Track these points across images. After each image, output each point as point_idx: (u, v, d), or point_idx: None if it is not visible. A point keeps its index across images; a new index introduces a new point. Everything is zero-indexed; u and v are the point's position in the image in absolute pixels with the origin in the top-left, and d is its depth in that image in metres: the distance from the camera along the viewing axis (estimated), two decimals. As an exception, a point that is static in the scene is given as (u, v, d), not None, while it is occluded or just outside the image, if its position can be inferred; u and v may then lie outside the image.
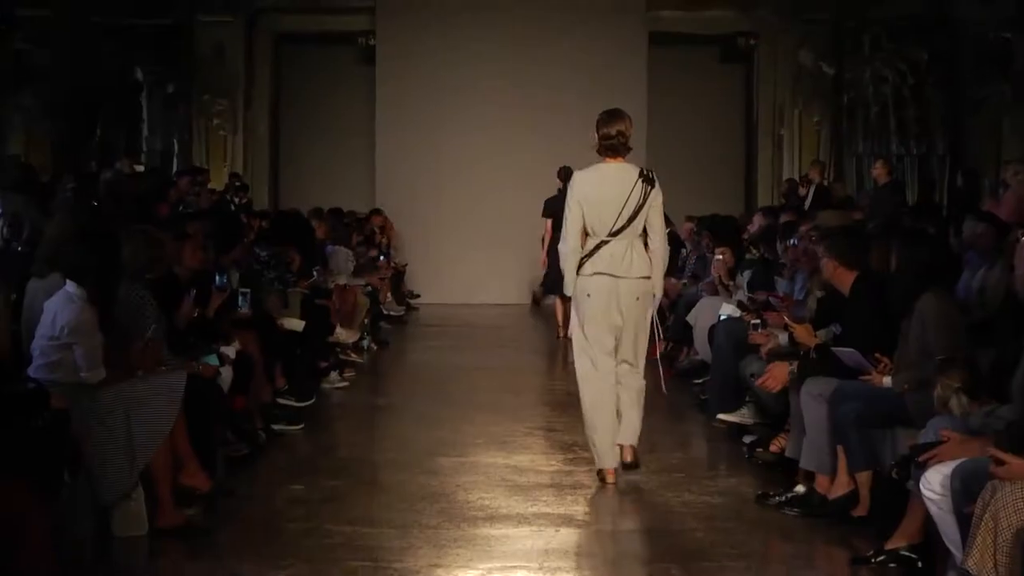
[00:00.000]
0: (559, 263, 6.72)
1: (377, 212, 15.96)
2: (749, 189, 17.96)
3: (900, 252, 5.69)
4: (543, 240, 13.87)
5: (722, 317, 8.19)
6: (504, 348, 12.49)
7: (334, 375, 9.43)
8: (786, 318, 6.70)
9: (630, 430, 6.52)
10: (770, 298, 7.70)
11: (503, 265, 16.80)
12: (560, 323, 12.60)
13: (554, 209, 12.37)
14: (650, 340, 6.56)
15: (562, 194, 8.39)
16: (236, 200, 13.68)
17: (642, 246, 6.34)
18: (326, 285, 10.19)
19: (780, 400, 6.47)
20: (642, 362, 6.51)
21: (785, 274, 8.17)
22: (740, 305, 8.10)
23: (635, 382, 6.49)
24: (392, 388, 10.09)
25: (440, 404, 8.81)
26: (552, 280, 12.35)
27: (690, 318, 9.57)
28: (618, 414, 6.47)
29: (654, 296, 6.44)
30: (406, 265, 15.89)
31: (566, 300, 7.32)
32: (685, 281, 10.88)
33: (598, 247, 6.30)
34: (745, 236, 10.09)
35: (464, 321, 14.86)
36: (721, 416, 7.50)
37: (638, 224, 6.28)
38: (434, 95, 17.01)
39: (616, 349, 6.38)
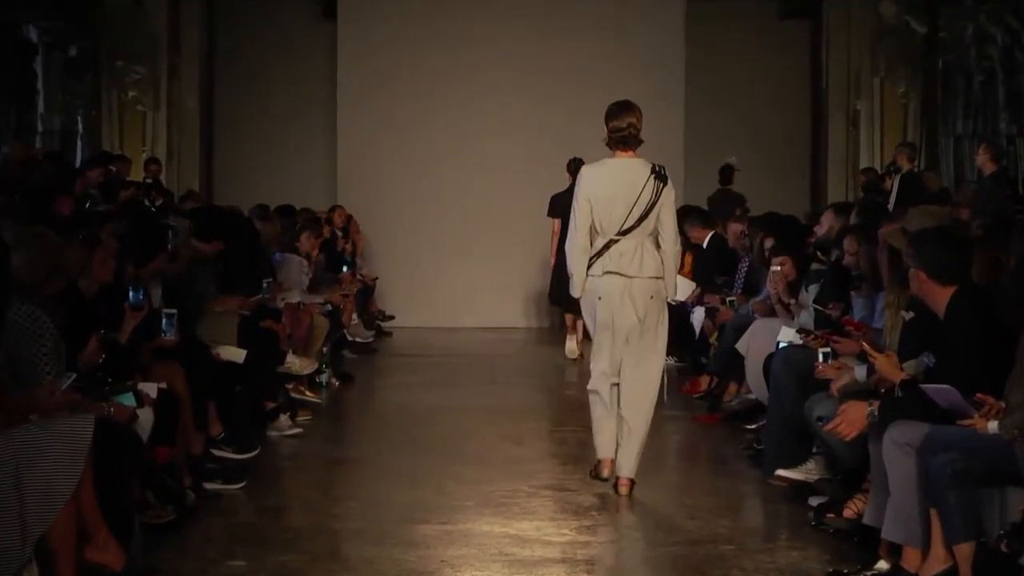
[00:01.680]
0: (566, 269, 7.81)
1: (339, 209, 15.97)
2: (816, 180, 18.00)
3: (1017, 247, 5.69)
4: (552, 245, 14.03)
5: (781, 344, 8.19)
6: (500, 384, 12.50)
7: (284, 419, 9.43)
8: (864, 345, 6.71)
9: (630, 462, 7.56)
10: (843, 323, 7.71)
11: (499, 279, 16.85)
12: (578, 339, 13.45)
13: (563, 208, 12.50)
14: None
15: (572, 190, 8.85)
16: (149, 198, 13.73)
17: (653, 246, 7.52)
18: (273, 303, 10.20)
19: (856, 451, 6.48)
20: (658, 371, 7.66)
21: (863, 289, 8.18)
22: (803, 329, 8.12)
23: (645, 399, 7.59)
24: (358, 436, 10.09)
25: (419, 456, 8.82)
26: (560, 289, 12.51)
27: (740, 346, 9.58)
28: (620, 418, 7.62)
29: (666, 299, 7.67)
30: (376, 279, 15.91)
31: (577, 312, 8.42)
32: (733, 298, 10.92)
33: (607, 246, 7.48)
34: (811, 240, 10.10)
35: (449, 349, 14.85)
36: (781, 472, 7.50)
37: (649, 223, 7.46)
38: (413, 60, 17.08)
39: (625, 356, 7.51)
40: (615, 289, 7.46)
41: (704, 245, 12.61)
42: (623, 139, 7.54)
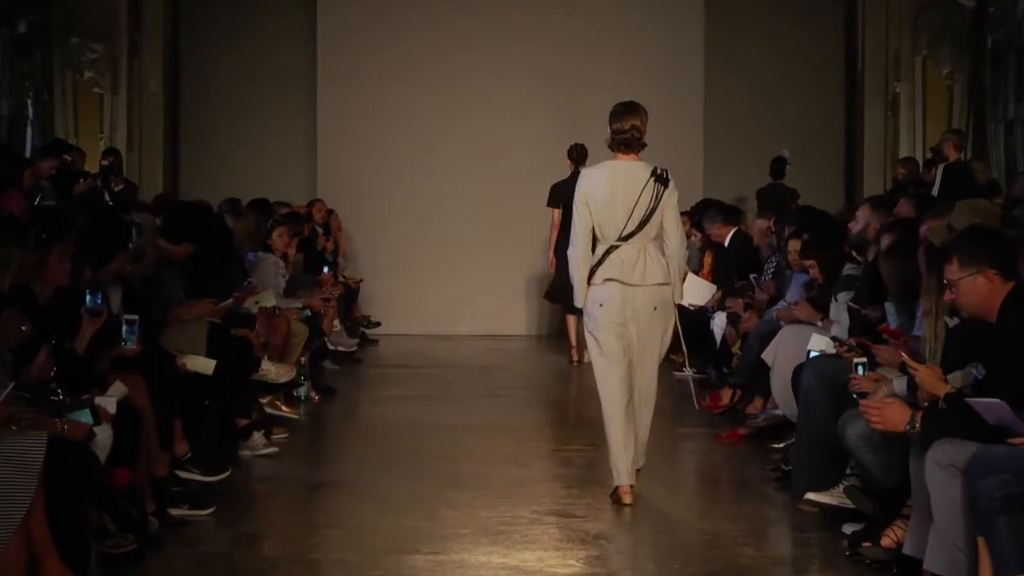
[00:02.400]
0: (568, 268, 8.33)
1: (318, 203, 15.97)
2: (851, 172, 17.99)
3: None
4: (551, 237, 14.15)
5: (812, 354, 8.21)
6: (498, 398, 12.51)
7: (258, 437, 9.44)
8: (904, 355, 6.71)
9: (639, 451, 8.12)
10: (880, 330, 7.72)
11: (496, 282, 16.86)
12: (573, 344, 13.96)
13: (564, 197, 12.68)
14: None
15: (574, 179, 9.14)
16: (108, 186, 13.75)
17: (657, 250, 8.07)
18: (246, 309, 10.21)
19: (895, 473, 6.49)
20: (654, 379, 8.22)
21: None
22: (837, 339, 8.12)
23: (649, 404, 8.18)
24: (340, 456, 10.09)
25: (409, 479, 8.83)
26: (561, 288, 12.68)
27: (766, 355, 9.59)
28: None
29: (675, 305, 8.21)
30: (360, 281, 15.93)
31: (578, 314, 9.02)
32: (757, 275, 10.90)
33: (608, 252, 8.03)
34: (846, 239, 10.09)
35: (442, 359, 14.88)
36: (811, 496, 7.52)
37: (651, 228, 8.01)
38: (401, 36, 17.08)
39: (630, 365, 8.04)
40: (616, 298, 7.99)
41: (726, 243, 12.62)
42: (625, 142, 8.08)
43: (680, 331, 8.42)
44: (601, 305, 8.02)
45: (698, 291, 12.04)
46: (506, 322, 16.91)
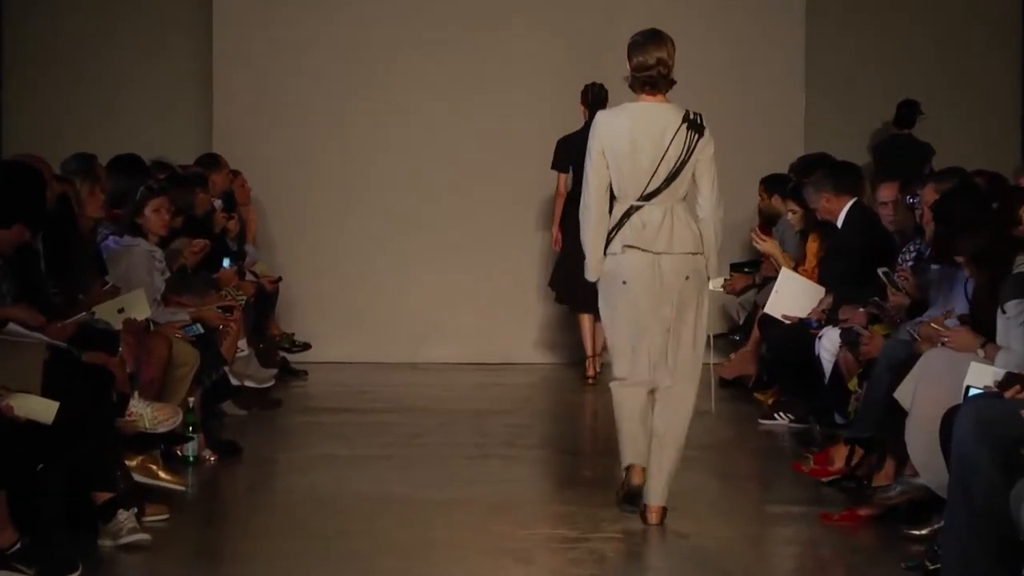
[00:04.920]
0: (580, 245, 9.82)
1: (215, 162, 15.85)
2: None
3: None
4: (555, 208, 14.99)
5: (971, 392, 8.19)
6: (491, 459, 12.57)
7: (124, 518, 9.40)
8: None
9: (658, 488, 9.60)
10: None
11: (482, 285, 17.06)
12: (589, 353, 15.34)
13: (575, 156, 13.06)
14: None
15: (588, 130, 10.00)
16: None
17: (686, 212, 9.58)
18: (105, 323, 10.18)
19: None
20: (696, 371, 9.68)
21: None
22: (1005, 382, 8.11)
23: (680, 405, 9.62)
24: (247, 547, 10.08)
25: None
26: (567, 278, 13.60)
27: (901, 394, 9.58)
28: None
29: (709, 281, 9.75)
30: (279, 280, 15.89)
31: (593, 312, 10.68)
32: (890, 273, 10.95)
33: (627, 213, 9.54)
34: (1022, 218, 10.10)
35: (403, 400, 15.00)
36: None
37: (680, 185, 9.53)
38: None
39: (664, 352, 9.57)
40: (643, 270, 9.52)
41: (839, 222, 12.56)
42: (650, 80, 9.56)
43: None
44: (624, 283, 9.54)
45: (796, 295, 12.06)
46: (499, 344, 17.04)
